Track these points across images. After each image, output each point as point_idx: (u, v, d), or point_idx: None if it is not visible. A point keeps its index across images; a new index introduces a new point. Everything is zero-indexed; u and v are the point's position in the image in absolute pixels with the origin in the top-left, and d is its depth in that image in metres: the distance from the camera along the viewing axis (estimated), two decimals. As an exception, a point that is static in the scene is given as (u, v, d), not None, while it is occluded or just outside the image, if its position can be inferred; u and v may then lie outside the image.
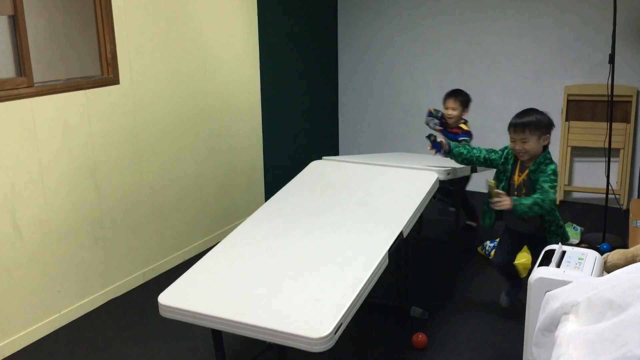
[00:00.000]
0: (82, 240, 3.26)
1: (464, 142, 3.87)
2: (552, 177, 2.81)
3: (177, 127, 3.82)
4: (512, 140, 2.89)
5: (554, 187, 2.81)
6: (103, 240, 3.38)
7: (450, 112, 4.01)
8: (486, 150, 3.07)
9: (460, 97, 4.01)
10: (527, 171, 2.89)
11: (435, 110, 4.11)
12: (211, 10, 4.00)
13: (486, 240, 3.93)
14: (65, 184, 3.14)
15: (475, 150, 3.08)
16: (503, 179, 2.98)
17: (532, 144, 2.82)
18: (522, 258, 3.65)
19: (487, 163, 3.07)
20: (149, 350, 2.94)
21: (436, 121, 4.09)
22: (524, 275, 3.55)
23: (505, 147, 2.99)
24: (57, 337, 3.08)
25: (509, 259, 3.13)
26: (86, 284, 3.31)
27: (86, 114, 3.21)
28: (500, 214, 3.01)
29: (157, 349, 2.94)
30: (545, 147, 2.87)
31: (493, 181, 2.94)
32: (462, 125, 4.05)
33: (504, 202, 2.79)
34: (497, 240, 3.81)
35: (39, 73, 3.03)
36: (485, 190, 3.03)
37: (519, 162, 2.94)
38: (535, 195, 2.78)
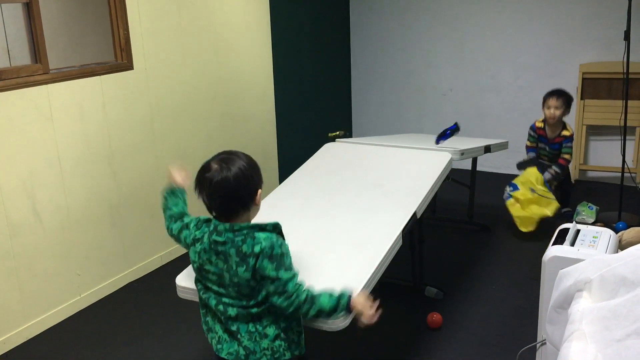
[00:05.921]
0: (100, 225, 3.31)
1: (567, 147, 4.00)
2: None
3: (191, 111, 3.84)
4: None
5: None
6: (120, 224, 3.43)
7: (552, 111, 3.97)
8: None
9: (564, 97, 3.97)
10: None
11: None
12: (223, -6, 4.00)
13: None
14: (83, 169, 3.18)
15: None
16: None
17: None
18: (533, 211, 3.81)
19: None
20: (167, 331, 2.99)
21: (531, 154, 4.12)
22: (531, 229, 3.70)
23: None
24: (77, 319, 3.15)
25: None
26: (105, 267, 3.37)
27: (101, 99, 3.24)
28: None
29: (176, 330, 2.99)
30: None
31: None
32: (565, 132, 4.03)
33: None
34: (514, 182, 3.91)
35: (54, 60, 3.06)
36: None
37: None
38: None
